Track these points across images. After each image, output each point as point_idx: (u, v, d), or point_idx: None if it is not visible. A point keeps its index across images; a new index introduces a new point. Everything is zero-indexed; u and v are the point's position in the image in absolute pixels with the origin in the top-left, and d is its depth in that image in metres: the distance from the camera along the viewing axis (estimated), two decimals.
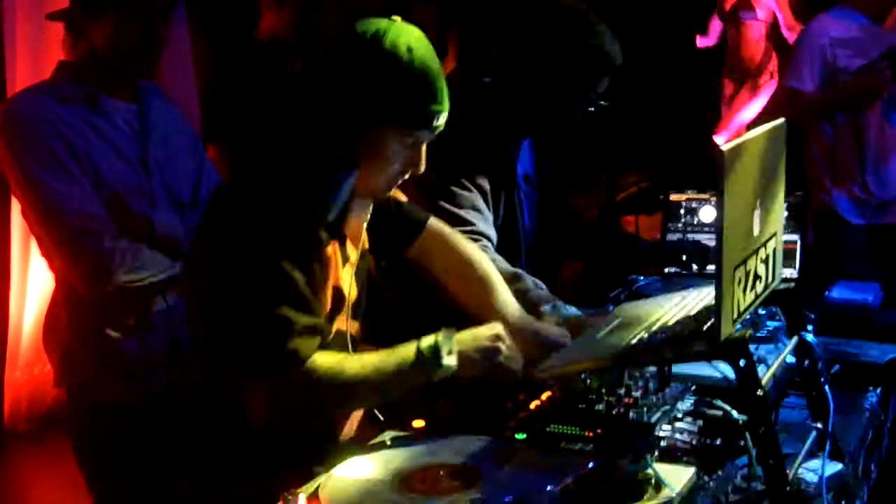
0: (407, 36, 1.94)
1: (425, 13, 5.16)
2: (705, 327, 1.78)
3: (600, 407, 1.90)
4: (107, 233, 2.47)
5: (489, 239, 2.59)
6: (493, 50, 2.82)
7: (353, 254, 2.11)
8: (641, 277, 2.99)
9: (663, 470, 1.72)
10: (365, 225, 2.15)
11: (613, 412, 1.87)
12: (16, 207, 3.89)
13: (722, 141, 6.26)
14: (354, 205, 2.04)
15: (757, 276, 1.82)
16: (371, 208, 2.14)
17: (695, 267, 2.93)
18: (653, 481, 1.69)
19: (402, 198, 2.31)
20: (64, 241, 2.48)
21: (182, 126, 2.79)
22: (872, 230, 4.11)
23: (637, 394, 1.92)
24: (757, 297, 1.84)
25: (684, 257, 2.95)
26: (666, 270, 3.00)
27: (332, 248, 2.01)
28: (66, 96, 2.53)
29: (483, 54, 3.38)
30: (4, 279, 4.54)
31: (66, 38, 2.59)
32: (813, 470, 1.84)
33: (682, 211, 3.10)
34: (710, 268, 2.83)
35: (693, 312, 1.95)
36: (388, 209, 2.25)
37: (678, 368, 2.02)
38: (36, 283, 4.56)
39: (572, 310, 2.36)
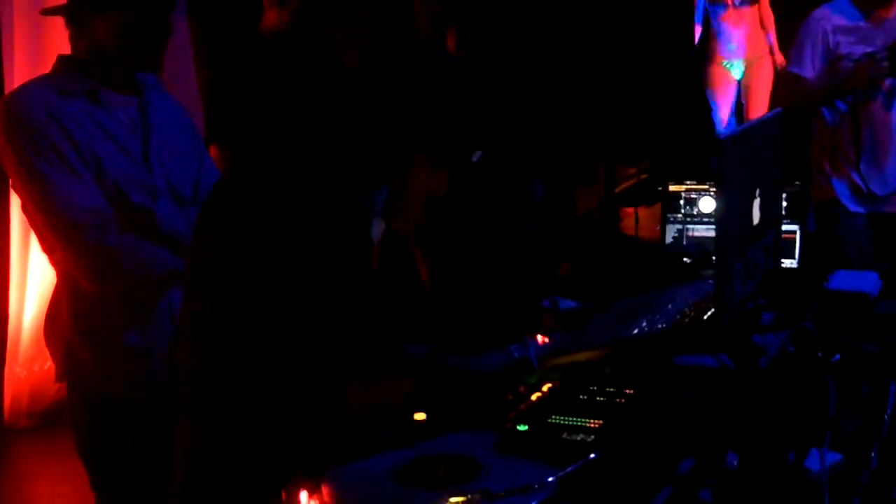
0: None
1: (423, 9, 5.16)
2: (706, 317, 1.79)
3: (602, 398, 1.91)
4: (109, 227, 2.47)
5: None
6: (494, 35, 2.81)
7: None
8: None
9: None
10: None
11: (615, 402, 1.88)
12: (15, 202, 3.90)
13: None
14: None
15: (757, 266, 1.83)
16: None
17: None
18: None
19: None
20: (66, 236, 2.48)
21: (183, 120, 2.78)
22: (871, 218, 4.12)
23: None
24: (757, 286, 1.85)
25: (687, 260, 2.94)
26: None
27: None
28: (68, 90, 2.53)
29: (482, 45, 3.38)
30: (4, 275, 4.53)
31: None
32: (813, 459, 1.85)
33: (681, 202, 3.10)
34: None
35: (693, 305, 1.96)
36: None
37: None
38: (35, 279, 4.56)
39: (570, 303, 2.36)
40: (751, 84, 6.69)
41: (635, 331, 1.89)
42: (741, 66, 6.65)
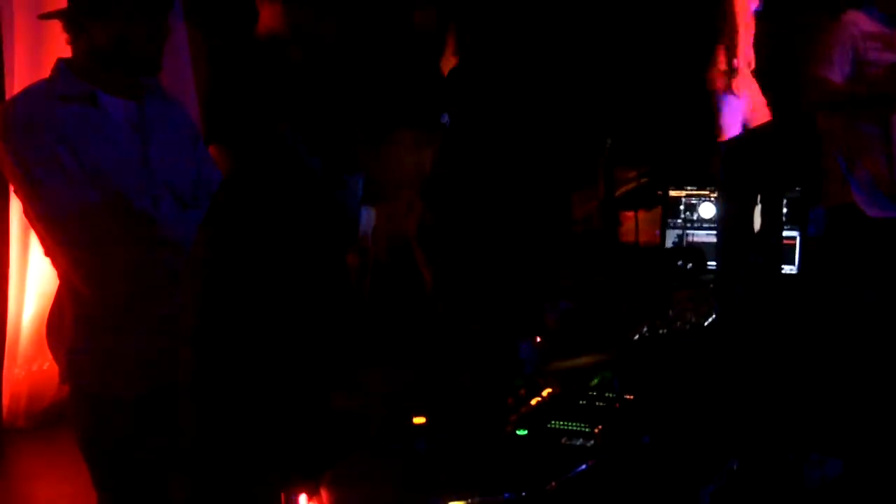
0: None
1: (424, 10, 5.16)
2: (707, 322, 1.79)
3: (601, 403, 1.91)
4: (109, 232, 2.47)
5: None
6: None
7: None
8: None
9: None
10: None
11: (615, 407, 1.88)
12: (15, 205, 3.90)
13: None
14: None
15: (758, 271, 1.83)
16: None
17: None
18: None
19: None
20: (66, 241, 2.48)
21: (183, 122, 2.78)
22: (890, 223, 4.07)
23: None
24: (758, 291, 1.85)
25: (680, 262, 2.93)
26: None
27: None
28: (66, 95, 2.52)
29: (482, 48, 3.39)
30: (3, 277, 4.53)
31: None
32: (815, 464, 1.85)
33: (681, 207, 3.10)
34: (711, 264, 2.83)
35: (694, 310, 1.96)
36: None
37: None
38: (34, 280, 4.56)
39: (569, 305, 2.36)
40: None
41: (636, 336, 1.89)
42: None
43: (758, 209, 1.77)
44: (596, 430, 1.87)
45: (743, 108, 6.69)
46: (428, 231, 2.86)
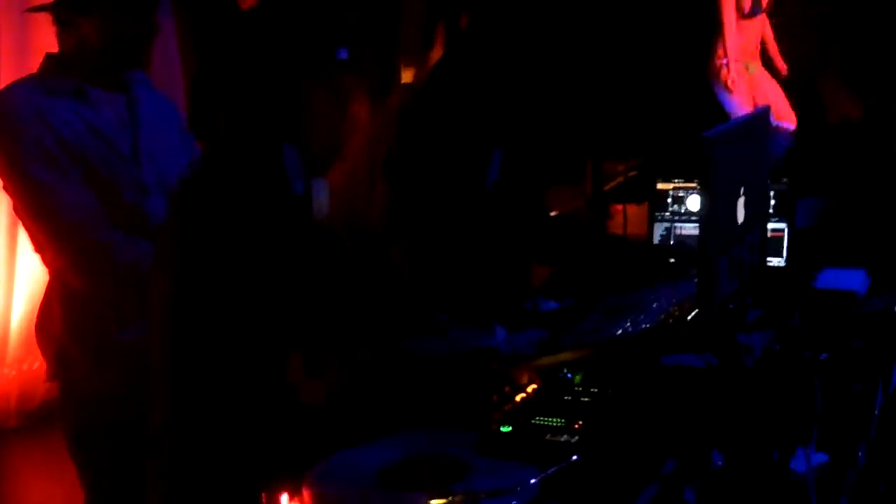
0: None
1: (415, 5, 5.14)
2: (690, 316, 1.78)
3: (586, 398, 1.90)
4: (100, 225, 2.48)
5: None
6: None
7: None
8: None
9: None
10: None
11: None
12: (2, 204, 3.88)
13: None
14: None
15: (742, 264, 1.82)
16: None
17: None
18: None
19: None
20: (57, 235, 2.48)
21: (171, 115, 2.78)
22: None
23: None
24: (742, 284, 1.84)
25: (672, 260, 2.92)
26: None
27: None
28: (54, 89, 2.52)
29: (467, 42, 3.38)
30: None
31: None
32: (799, 459, 1.84)
33: (668, 200, 3.08)
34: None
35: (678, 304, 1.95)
36: None
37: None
38: (23, 278, 4.56)
39: (552, 304, 2.35)
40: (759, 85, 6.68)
41: (619, 331, 1.88)
42: (754, 68, 6.64)
43: (741, 201, 1.77)
44: (578, 426, 1.86)
45: (738, 102, 6.66)
46: (392, 213, 2.85)
